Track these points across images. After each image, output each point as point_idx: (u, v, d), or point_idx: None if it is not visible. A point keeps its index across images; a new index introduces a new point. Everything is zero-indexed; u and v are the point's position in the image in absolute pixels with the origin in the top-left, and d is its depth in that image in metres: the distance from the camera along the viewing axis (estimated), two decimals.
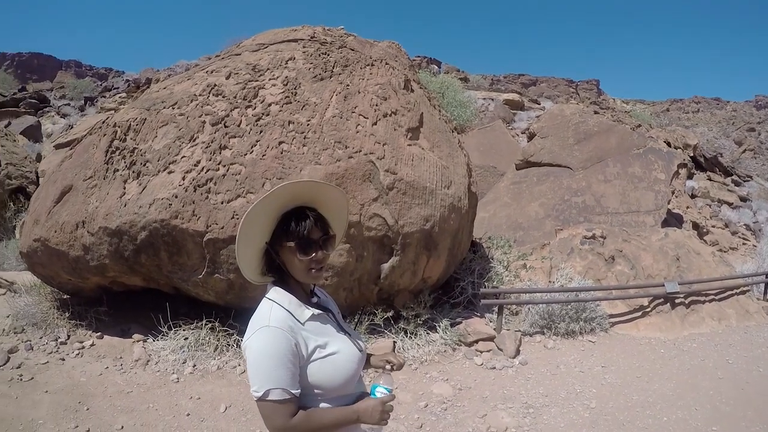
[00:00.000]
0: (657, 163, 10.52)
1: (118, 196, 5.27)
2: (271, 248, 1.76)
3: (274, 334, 1.62)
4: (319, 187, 1.84)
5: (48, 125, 19.87)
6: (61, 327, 5.89)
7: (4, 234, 10.29)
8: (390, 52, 7.57)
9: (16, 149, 12.41)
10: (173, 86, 6.54)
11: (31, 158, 12.83)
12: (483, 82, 29.76)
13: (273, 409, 1.60)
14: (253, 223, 1.70)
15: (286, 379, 1.61)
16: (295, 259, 1.74)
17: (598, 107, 23.57)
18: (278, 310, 1.69)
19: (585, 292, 6.77)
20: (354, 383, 1.81)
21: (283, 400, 1.60)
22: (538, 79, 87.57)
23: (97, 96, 25.10)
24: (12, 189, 11.27)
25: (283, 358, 1.61)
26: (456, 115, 16.35)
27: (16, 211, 10.52)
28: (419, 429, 4.37)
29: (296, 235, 1.73)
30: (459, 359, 5.75)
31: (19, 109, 20.97)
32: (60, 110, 22.71)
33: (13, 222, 10.22)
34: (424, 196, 5.71)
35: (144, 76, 25.81)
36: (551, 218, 9.78)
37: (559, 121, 12.02)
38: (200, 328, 5.55)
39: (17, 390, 4.83)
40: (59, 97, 27.17)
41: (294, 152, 5.40)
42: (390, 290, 5.88)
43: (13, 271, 8.07)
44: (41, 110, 22.36)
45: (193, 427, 4.35)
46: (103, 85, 31.35)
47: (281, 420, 1.61)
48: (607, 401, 4.90)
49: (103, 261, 5.31)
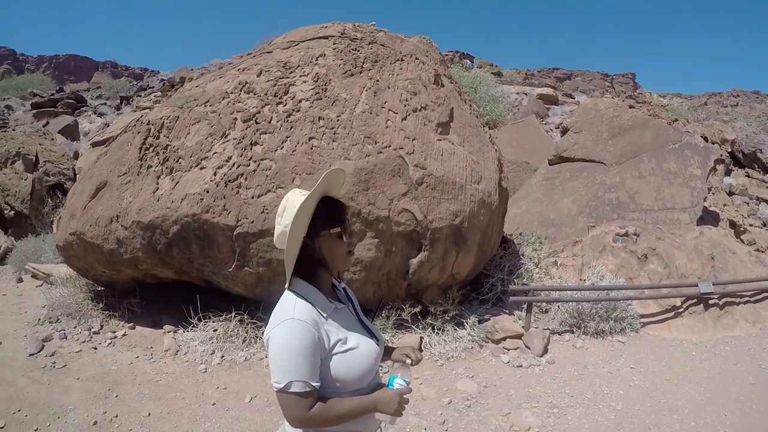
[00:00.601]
0: (693, 158, 10.23)
1: (151, 191, 5.38)
2: (309, 241, 1.75)
3: (298, 326, 1.63)
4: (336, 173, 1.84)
5: (85, 124, 20.38)
6: (94, 317, 6.07)
7: (42, 229, 10.62)
8: (421, 47, 7.53)
9: (53, 147, 12.78)
10: (205, 84, 6.64)
11: (68, 156, 13.20)
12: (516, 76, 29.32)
13: (293, 400, 1.63)
14: (303, 218, 1.70)
15: (308, 372, 1.62)
16: (339, 244, 1.77)
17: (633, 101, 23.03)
18: (303, 302, 1.70)
19: (616, 291, 6.61)
20: (371, 376, 1.82)
21: (304, 393, 1.63)
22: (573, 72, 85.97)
23: (133, 95, 25.59)
24: (50, 185, 11.63)
25: (306, 351, 1.62)
26: (488, 110, 16.14)
27: (53, 207, 10.83)
28: (441, 425, 4.34)
29: (340, 220, 1.78)
30: (486, 356, 5.69)
31: (57, 109, 21.57)
32: (97, 109, 23.27)
33: (51, 217, 10.53)
34: (453, 191, 5.67)
35: (178, 75, 26.24)
36: (584, 215, 9.61)
37: (592, 116, 11.78)
38: (229, 320, 5.66)
39: (50, 376, 5.01)
40: (96, 97, 27.83)
41: (324, 147, 5.42)
42: (418, 285, 5.86)
43: (50, 264, 8.34)
44: (78, 110, 22.92)
45: (217, 416, 4.43)
46: (138, 84, 31.94)
47: (300, 411, 1.63)
48: (634, 403, 4.77)
49: (136, 254, 5.43)
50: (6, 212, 11.06)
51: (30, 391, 4.72)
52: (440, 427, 4.31)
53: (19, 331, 6.00)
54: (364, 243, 5.31)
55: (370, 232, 5.30)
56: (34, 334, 5.80)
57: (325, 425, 1.70)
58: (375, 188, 5.31)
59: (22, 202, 11.08)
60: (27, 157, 11.72)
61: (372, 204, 5.26)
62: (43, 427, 4.20)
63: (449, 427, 4.33)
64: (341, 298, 1.93)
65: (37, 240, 9.66)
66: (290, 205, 1.71)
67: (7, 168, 11.43)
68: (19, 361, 5.30)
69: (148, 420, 4.34)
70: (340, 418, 1.69)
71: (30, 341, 5.56)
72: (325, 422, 1.68)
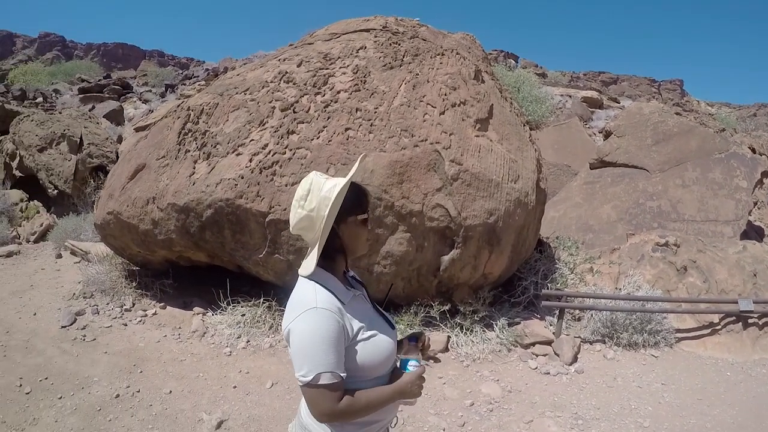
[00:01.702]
0: (739, 169, 9.81)
1: (187, 175, 5.44)
2: (336, 227, 1.70)
3: (323, 315, 1.57)
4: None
5: (130, 110, 20.86)
6: (127, 295, 6.22)
7: (84, 208, 10.91)
8: (463, 43, 7.42)
9: (98, 131, 13.11)
10: (246, 73, 6.69)
11: (112, 139, 13.52)
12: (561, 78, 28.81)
13: (322, 394, 1.55)
14: (340, 202, 1.66)
15: (336, 362, 1.56)
16: (363, 231, 1.75)
17: (680, 109, 22.39)
18: (324, 290, 1.64)
19: (652, 303, 6.34)
20: (391, 362, 1.78)
21: (333, 385, 1.55)
22: (619, 77, 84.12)
23: (178, 84, 26.11)
24: (93, 167, 11.93)
25: (333, 340, 1.56)
26: (531, 111, 15.89)
27: (95, 188, 11.10)
28: (461, 427, 4.25)
29: (366, 207, 1.76)
30: (513, 361, 5.55)
31: (103, 95, 22.19)
32: (142, 96, 23.80)
33: (93, 197, 10.78)
34: (489, 188, 5.56)
35: (222, 65, 26.68)
36: (623, 222, 9.33)
37: (637, 120, 11.43)
38: (257, 305, 5.73)
39: (79, 349, 5.17)
40: (142, 84, 28.53)
41: (360, 139, 5.38)
42: (449, 283, 5.77)
43: (89, 242, 8.56)
44: (124, 96, 23.50)
45: (237, 399, 4.46)
46: (183, 73, 32.63)
47: (329, 404, 1.56)
48: (662, 422, 4.54)
49: (170, 235, 5.51)
50: (49, 191, 11.42)
51: (58, 362, 4.88)
52: (459, 429, 4.22)
53: (53, 304, 6.20)
54: (395, 237, 5.25)
55: (402, 226, 5.24)
56: (68, 307, 5.99)
57: (354, 417, 1.64)
58: (409, 182, 5.24)
59: (65, 182, 11.40)
60: (72, 139, 12.05)
61: (405, 197, 5.20)
62: (67, 395, 4.32)
63: (468, 429, 4.24)
64: (354, 285, 1.88)
65: (78, 219, 9.94)
66: (316, 188, 1.65)
67: (52, 149, 11.77)
68: (51, 332, 5.49)
69: (169, 397, 4.42)
70: (368, 408, 1.64)
71: (63, 314, 5.75)
72: (354, 414, 1.62)
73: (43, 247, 9.51)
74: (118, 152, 12.71)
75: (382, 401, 1.67)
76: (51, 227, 10.20)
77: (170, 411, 4.21)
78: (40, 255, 8.96)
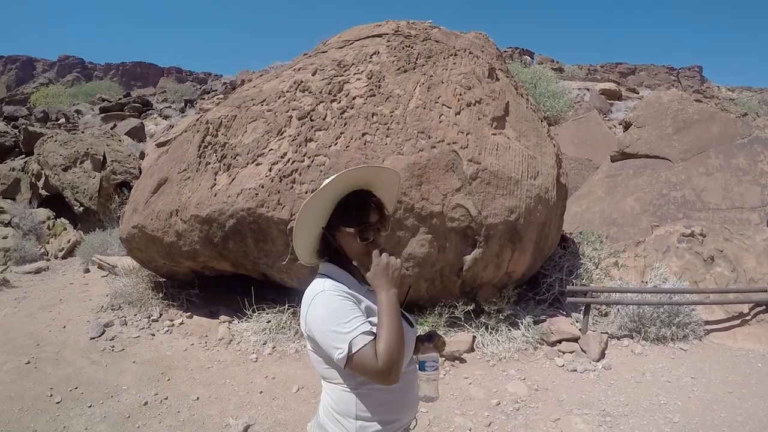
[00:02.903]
0: (763, 153, 9.58)
1: (209, 186, 5.53)
2: (327, 233, 1.76)
3: (331, 294, 1.62)
4: (373, 171, 1.82)
5: (151, 126, 21.23)
6: (154, 306, 6.36)
7: (109, 223, 11.14)
8: (476, 42, 7.41)
9: (120, 148, 13.38)
10: (262, 84, 6.78)
11: (134, 156, 13.78)
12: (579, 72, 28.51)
13: (365, 358, 1.52)
14: (311, 213, 1.72)
15: (360, 322, 1.57)
16: (354, 243, 1.74)
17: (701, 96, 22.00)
18: (331, 281, 1.69)
19: (680, 295, 6.21)
20: (406, 362, 1.74)
21: (370, 343, 1.53)
22: (637, 67, 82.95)
23: (197, 98, 26.50)
24: (117, 183, 12.18)
25: (347, 310, 1.59)
26: (549, 107, 15.76)
27: (120, 203, 11.31)
28: (487, 427, 4.22)
29: (357, 221, 1.73)
30: (539, 359, 5.50)
31: (124, 113, 22.65)
32: (162, 112, 24.23)
33: (118, 213, 10.99)
34: (508, 186, 5.54)
35: (240, 78, 27.03)
36: (647, 214, 9.20)
37: (656, 109, 11.26)
38: (282, 312, 5.80)
39: (108, 359, 5.30)
40: (161, 101, 29.05)
41: (377, 143, 5.41)
42: (473, 283, 5.75)
43: (116, 256, 8.74)
44: (144, 113, 23.97)
45: (263, 403, 4.52)
46: (202, 88, 33.13)
47: (374, 362, 1.51)
48: (692, 416, 4.44)
49: (194, 246, 5.60)
50: (75, 208, 11.68)
51: (88, 372, 5.00)
52: (486, 429, 4.19)
53: (82, 317, 6.37)
54: (417, 238, 5.26)
55: (423, 228, 5.25)
56: (97, 319, 6.15)
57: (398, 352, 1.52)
58: (428, 183, 5.25)
59: (90, 199, 11.65)
60: (95, 157, 12.32)
61: (425, 199, 5.21)
62: (96, 404, 4.43)
63: (495, 429, 4.20)
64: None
65: (104, 234, 10.16)
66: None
67: (76, 167, 12.05)
68: (81, 343, 5.64)
69: (196, 403, 4.49)
70: (391, 333, 1.53)
71: (92, 326, 5.92)
72: (394, 350, 1.51)
73: (71, 263, 9.74)
74: (140, 168, 12.94)
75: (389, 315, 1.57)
76: (78, 243, 10.44)
77: (198, 417, 4.28)
78: (68, 270, 9.18)
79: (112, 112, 22.62)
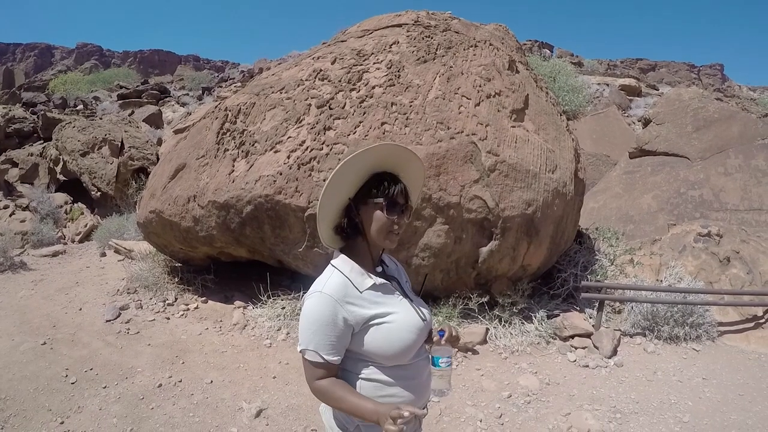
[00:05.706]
0: None
1: (227, 173, 5.55)
2: (353, 204, 1.77)
3: (323, 301, 1.67)
4: (409, 156, 1.83)
5: (168, 113, 21.33)
6: (170, 290, 6.43)
7: (126, 209, 11.27)
8: (496, 34, 7.36)
9: (138, 134, 13.49)
10: (281, 73, 6.79)
11: (152, 142, 13.89)
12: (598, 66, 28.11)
13: (306, 366, 1.72)
14: (346, 175, 1.73)
15: (322, 344, 1.67)
16: (379, 216, 1.75)
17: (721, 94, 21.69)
18: (338, 276, 1.73)
19: (694, 295, 6.13)
20: (412, 353, 1.78)
21: (315, 362, 1.69)
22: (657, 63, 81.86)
23: (214, 86, 26.56)
24: (134, 169, 12.30)
25: (323, 325, 1.66)
26: (567, 101, 15.55)
27: (137, 189, 11.43)
28: (498, 419, 4.23)
29: (386, 194, 1.75)
30: (551, 353, 5.50)
31: (141, 100, 22.79)
32: (179, 100, 24.32)
33: (135, 198, 11.12)
34: (526, 179, 5.51)
35: (257, 67, 27.06)
36: (665, 212, 9.11)
37: (676, 107, 11.13)
38: (297, 298, 5.84)
39: (123, 341, 5.37)
40: (179, 88, 29.12)
41: (396, 133, 5.40)
42: (487, 275, 5.74)
43: (132, 241, 8.83)
44: (162, 100, 24.05)
45: (276, 388, 4.56)
46: (219, 76, 33.22)
47: (309, 377, 1.73)
48: (702, 417, 4.41)
49: (211, 232, 5.63)
50: (93, 193, 11.81)
51: (103, 353, 5.07)
52: (496, 421, 4.20)
53: (98, 300, 6.45)
54: (433, 229, 5.26)
55: (440, 218, 5.24)
56: (113, 302, 6.23)
57: (325, 401, 1.75)
58: (446, 174, 5.24)
59: (108, 184, 11.78)
60: (113, 143, 12.43)
61: (443, 190, 5.20)
62: (111, 385, 4.49)
63: (505, 421, 4.21)
64: (387, 273, 1.92)
65: (121, 219, 10.27)
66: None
67: (94, 153, 12.17)
68: (97, 326, 5.71)
69: (210, 387, 4.54)
70: (337, 404, 1.70)
71: (108, 309, 5.98)
72: (324, 398, 1.72)
73: (88, 247, 9.85)
74: (158, 154, 13.05)
75: (354, 411, 1.66)
76: (95, 227, 10.56)
77: (211, 400, 4.33)
78: (85, 254, 9.29)
79: (129, 99, 22.78)
